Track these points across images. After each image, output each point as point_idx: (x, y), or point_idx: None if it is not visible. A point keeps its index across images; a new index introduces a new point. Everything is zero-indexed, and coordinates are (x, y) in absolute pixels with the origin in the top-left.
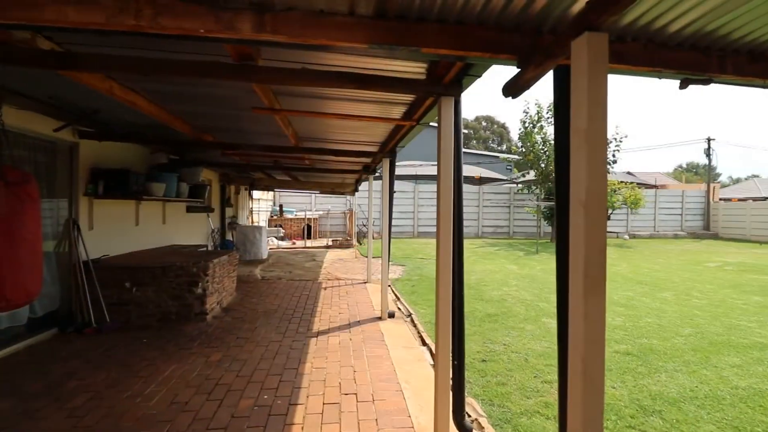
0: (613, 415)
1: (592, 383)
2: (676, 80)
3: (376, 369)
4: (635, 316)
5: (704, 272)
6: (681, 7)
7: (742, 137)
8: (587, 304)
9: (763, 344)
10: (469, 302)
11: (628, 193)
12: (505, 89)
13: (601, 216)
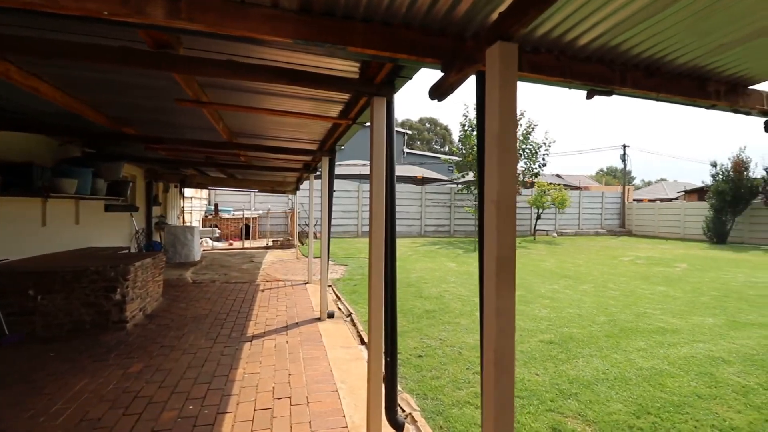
0: (536, 400)
1: (503, 372)
2: (583, 91)
3: (312, 371)
4: (559, 308)
5: (619, 266)
6: (588, 22)
7: (653, 144)
8: (499, 298)
9: (664, 329)
10: (408, 300)
11: (555, 194)
12: (431, 92)
13: (511, 215)
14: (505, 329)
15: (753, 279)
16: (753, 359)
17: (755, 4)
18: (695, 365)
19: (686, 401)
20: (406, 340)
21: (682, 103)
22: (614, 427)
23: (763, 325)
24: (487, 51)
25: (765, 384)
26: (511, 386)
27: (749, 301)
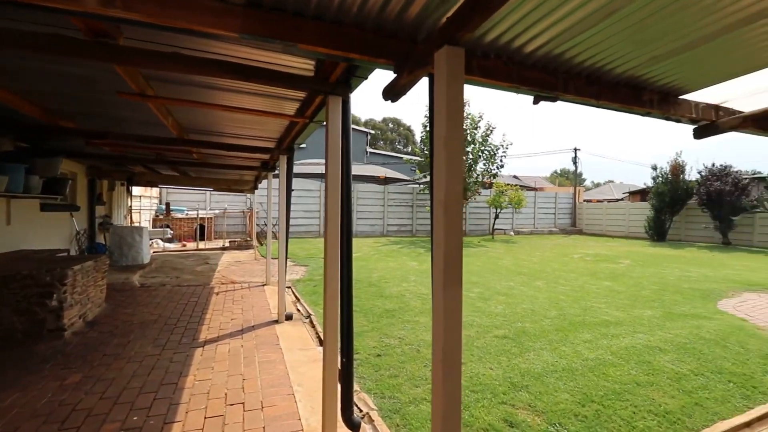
0: (489, 394)
1: (451, 368)
2: (531, 96)
3: (268, 375)
4: (513, 303)
5: (570, 263)
6: (533, 30)
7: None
8: (446, 297)
9: (608, 321)
10: (369, 299)
11: (513, 194)
12: (385, 93)
13: (458, 215)
14: (453, 326)
15: (687, 273)
16: (685, 347)
17: (682, 20)
18: (635, 355)
19: (626, 389)
20: (366, 340)
21: (621, 110)
22: (561, 416)
23: (694, 315)
24: (435, 54)
25: (695, 370)
26: (458, 382)
27: (683, 293)
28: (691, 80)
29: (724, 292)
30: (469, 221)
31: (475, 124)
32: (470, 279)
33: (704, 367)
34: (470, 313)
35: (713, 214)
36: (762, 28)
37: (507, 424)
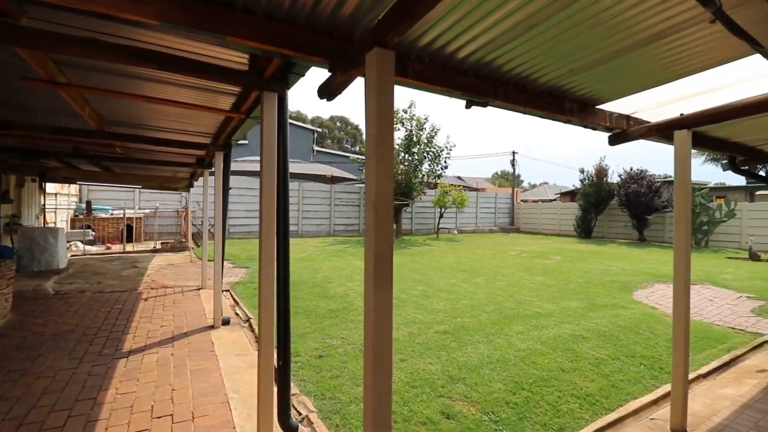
0: (428, 388)
1: (381, 366)
2: (464, 100)
3: (200, 383)
4: (455, 300)
5: (507, 259)
6: (464, 37)
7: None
8: (377, 296)
9: (540, 313)
10: (312, 300)
11: (456, 194)
12: (320, 91)
13: (388, 214)
14: (383, 324)
15: (608, 267)
16: (605, 335)
17: (593, 38)
18: (561, 343)
19: (553, 375)
20: (308, 341)
21: (545, 117)
22: (494, 405)
23: (613, 305)
24: (366, 56)
25: (612, 355)
26: (388, 380)
27: (605, 286)
28: (605, 92)
29: (638, 283)
30: (415, 221)
31: (421, 125)
32: (414, 277)
33: (620, 352)
34: (414, 311)
35: (631, 213)
36: (663, 47)
37: (444, 416)
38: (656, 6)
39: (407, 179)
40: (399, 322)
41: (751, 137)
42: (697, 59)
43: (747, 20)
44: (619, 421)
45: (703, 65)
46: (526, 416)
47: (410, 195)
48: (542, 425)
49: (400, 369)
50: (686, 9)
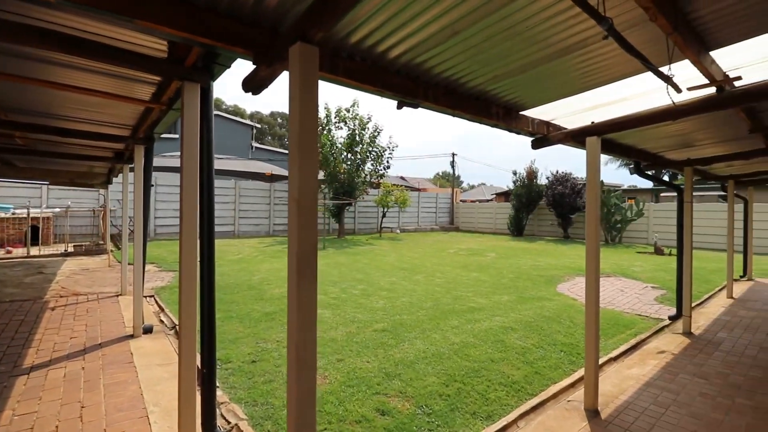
0: (364, 386)
1: (304, 367)
2: (395, 101)
3: (115, 398)
4: (394, 298)
5: (446, 257)
6: (393, 38)
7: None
8: (300, 294)
9: (474, 308)
10: (247, 303)
11: (398, 194)
12: (244, 84)
13: (312, 213)
14: (307, 324)
15: (537, 263)
16: (531, 325)
17: (511, 47)
18: (492, 335)
19: (483, 366)
20: (240, 346)
21: (474, 120)
22: (428, 398)
23: (539, 298)
24: (289, 50)
25: (536, 344)
26: (312, 380)
27: (533, 280)
28: (527, 99)
29: (562, 277)
30: (358, 220)
31: (364, 125)
32: (356, 276)
33: (543, 341)
34: (353, 310)
35: (557, 212)
36: (575, 59)
37: (379, 413)
38: (565, 21)
39: (350, 179)
40: (338, 322)
41: (653, 145)
42: (604, 72)
43: (640, 40)
44: (540, 405)
45: (610, 78)
46: (457, 407)
47: (353, 194)
48: (472, 414)
49: (336, 369)
50: (590, 26)
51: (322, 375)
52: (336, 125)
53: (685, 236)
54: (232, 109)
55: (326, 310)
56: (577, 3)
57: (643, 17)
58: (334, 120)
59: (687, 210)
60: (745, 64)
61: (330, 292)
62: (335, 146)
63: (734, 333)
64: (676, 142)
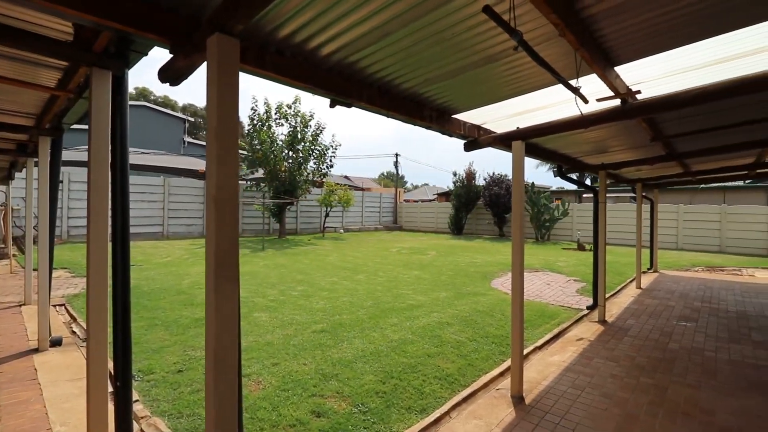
0: (300, 389)
1: (225, 374)
2: (328, 99)
3: (15, 419)
4: (335, 298)
5: (389, 256)
6: (324, 34)
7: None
8: (218, 297)
9: (413, 305)
10: (175, 309)
11: (342, 193)
12: (160, 73)
13: (233, 211)
14: (227, 328)
15: (474, 260)
16: (466, 320)
17: (440, 53)
18: (429, 331)
19: (420, 361)
20: (165, 356)
21: (408, 122)
22: (364, 396)
23: (475, 293)
24: (207, 41)
25: (470, 337)
26: (233, 389)
27: (470, 276)
28: (458, 103)
29: (496, 273)
30: (300, 220)
31: (306, 122)
32: (296, 278)
33: (477, 334)
34: (292, 312)
35: (493, 212)
36: (502, 67)
37: (315, 415)
38: (487, 32)
39: (291, 177)
40: (275, 325)
41: (573, 150)
42: (528, 81)
43: (554, 54)
44: (472, 395)
45: (534, 87)
46: (393, 403)
47: (295, 193)
48: (407, 409)
49: (271, 373)
50: (509, 38)
51: (256, 381)
52: (277, 122)
53: (600, 234)
54: (162, 100)
55: (263, 314)
56: (490, 16)
57: (555, 32)
58: (274, 116)
59: (602, 210)
60: (645, 79)
61: (268, 294)
62: (276, 143)
63: (641, 319)
64: (593, 148)
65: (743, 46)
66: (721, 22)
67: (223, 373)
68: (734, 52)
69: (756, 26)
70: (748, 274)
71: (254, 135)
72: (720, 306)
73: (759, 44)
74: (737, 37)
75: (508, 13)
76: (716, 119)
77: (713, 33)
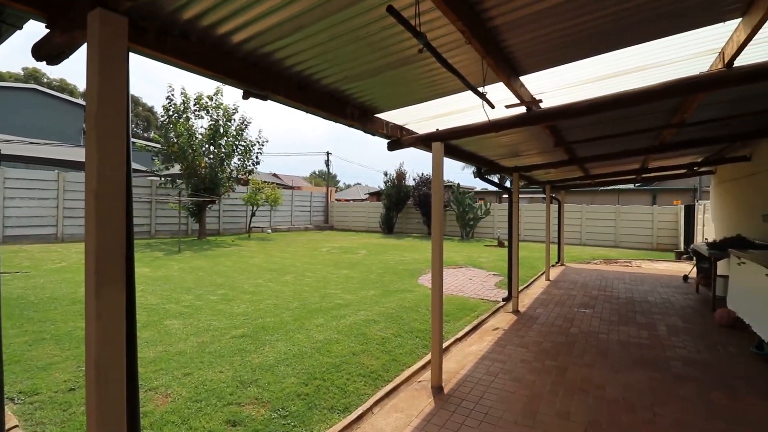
0: (214, 399)
1: (108, 386)
2: (241, 90)
3: None
4: (258, 301)
5: (318, 256)
6: (234, 20)
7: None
8: (100, 302)
9: (341, 305)
10: (70, 321)
11: (269, 192)
12: (34, 51)
13: (117, 206)
14: (110, 336)
15: (403, 258)
16: (392, 317)
17: (356, 51)
18: (355, 329)
19: (345, 360)
20: (54, 373)
21: (329, 119)
22: (285, 400)
23: (402, 290)
24: (88, 16)
25: (396, 333)
26: (120, 407)
27: (398, 274)
28: (381, 102)
29: (423, 270)
30: (223, 219)
31: (229, 116)
32: (215, 281)
33: (402, 330)
34: (209, 317)
35: (422, 211)
36: (419, 69)
37: (230, 425)
38: (400, 34)
39: (212, 174)
40: (189, 333)
41: (490, 153)
42: (446, 84)
43: (464, 60)
44: (395, 389)
45: (452, 90)
46: (315, 404)
47: (216, 191)
48: (329, 409)
49: (182, 384)
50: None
51: (164, 394)
52: (196, 114)
53: (513, 231)
54: (58, 84)
55: (176, 321)
56: (394, 16)
57: (464, 39)
58: (193, 107)
59: (515, 209)
60: (547, 89)
61: (182, 300)
62: (195, 137)
63: (548, 308)
64: (508, 152)
65: (628, 64)
66: (611, 40)
67: (107, 389)
68: (621, 68)
69: (639, 47)
70: (636, 265)
71: (170, 127)
72: (613, 293)
73: (641, 63)
74: (624, 55)
75: (414, 18)
76: (607, 128)
77: (605, 50)
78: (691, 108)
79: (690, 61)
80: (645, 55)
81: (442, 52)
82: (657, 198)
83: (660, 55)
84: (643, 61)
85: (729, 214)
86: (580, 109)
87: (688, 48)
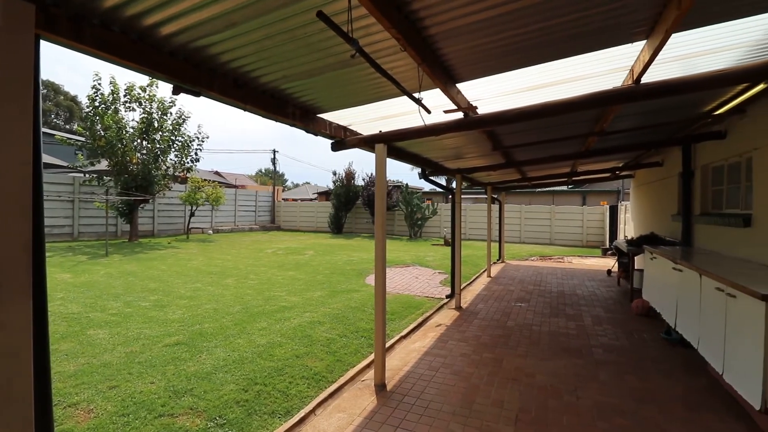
0: (144, 412)
1: (12, 412)
2: (170, 85)
3: None
4: (196, 306)
5: (263, 257)
6: (162, 12)
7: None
8: (2, 313)
9: (285, 307)
10: None
11: (210, 191)
12: None
13: (23, 206)
14: (14, 350)
15: (351, 258)
16: (338, 317)
17: (293, 51)
18: (300, 332)
19: (288, 363)
20: None
21: (269, 118)
22: (223, 408)
23: (349, 290)
24: None
25: (341, 333)
26: (26, 424)
27: (346, 274)
28: (323, 103)
29: (371, 269)
30: (158, 220)
31: (165, 109)
32: (148, 286)
33: (347, 330)
34: (140, 325)
35: (371, 211)
36: (360, 71)
37: None
38: (337, 37)
39: (145, 171)
40: (116, 343)
41: (435, 155)
42: (384, 88)
43: (402, 66)
44: (339, 389)
45: (390, 94)
46: (255, 410)
47: (150, 190)
48: (270, 414)
49: (107, 398)
50: (363, 45)
51: (86, 409)
52: (126, 106)
53: (456, 230)
54: None
55: (101, 330)
56: (325, 21)
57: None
58: (123, 99)
59: (458, 209)
60: (483, 96)
61: (109, 308)
62: (125, 131)
63: (488, 303)
64: (451, 154)
65: (555, 76)
66: (536, 55)
67: (9, 408)
68: (549, 80)
69: (563, 61)
70: (568, 261)
71: (96, 119)
72: (546, 288)
73: (566, 76)
74: (552, 67)
75: (347, 24)
76: (539, 135)
77: (532, 63)
78: (609, 118)
79: (607, 76)
80: (569, 69)
81: (379, 57)
82: (587, 199)
83: (582, 69)
84: (568, 74)
85: (645, 214)
86: (510, 117)
87: (604, 64)
